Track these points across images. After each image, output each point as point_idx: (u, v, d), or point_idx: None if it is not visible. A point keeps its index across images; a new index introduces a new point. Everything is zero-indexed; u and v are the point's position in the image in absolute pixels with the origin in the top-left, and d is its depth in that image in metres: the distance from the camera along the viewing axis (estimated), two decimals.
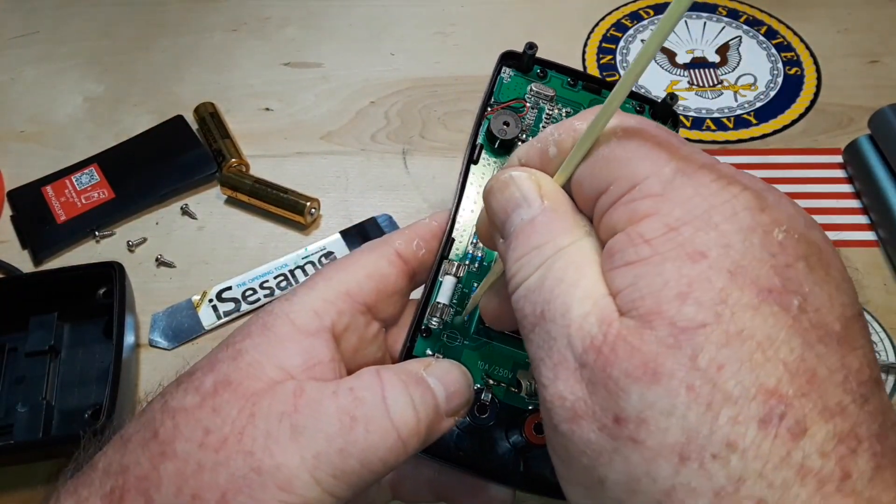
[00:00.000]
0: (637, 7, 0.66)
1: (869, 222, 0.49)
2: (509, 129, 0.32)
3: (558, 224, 0.22)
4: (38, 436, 0.39)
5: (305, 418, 0.23)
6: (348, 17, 0.67)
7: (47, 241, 0.51)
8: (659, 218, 0.19)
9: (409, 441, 0.24)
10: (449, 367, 0.27)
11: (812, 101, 0.58)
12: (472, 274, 0.31)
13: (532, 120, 0.33)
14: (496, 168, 0.32)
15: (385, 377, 0.25)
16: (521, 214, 0.22)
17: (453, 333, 0.30)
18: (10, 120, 0.60)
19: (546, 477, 0.29)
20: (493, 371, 0.30)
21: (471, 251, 0.31)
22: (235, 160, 0.54)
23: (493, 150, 0.33)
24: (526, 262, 0.21)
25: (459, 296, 0.30)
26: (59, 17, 0.68)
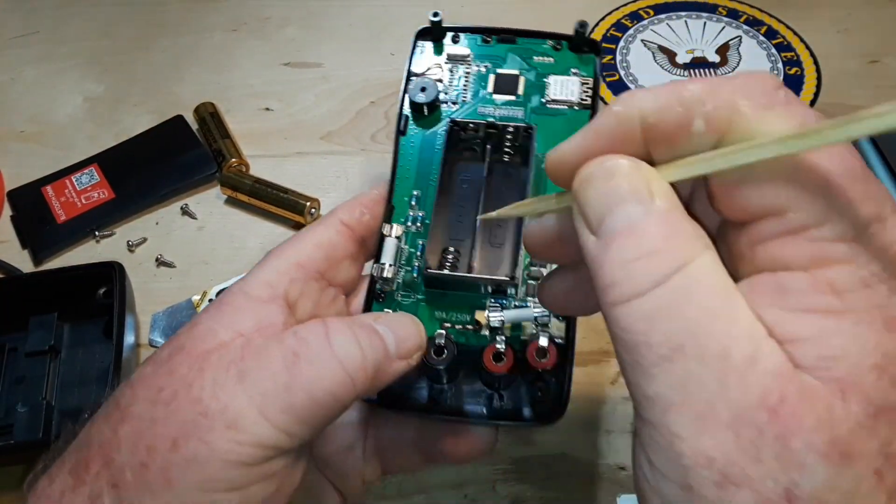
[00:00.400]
0: (637, 7, 0.66)
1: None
2: (427, 93, 0.33)
3: (677, 230, 0.18)
4: (38, 436, 0.39)
5: (251, 362, 0.24)
6: (348, 17, 0.67)
7: (47, 241, 0.51)
8: (853, 269, 0.17)
9: (355, 375, 0.24)
10: (398, 315, 0.28)
11: (812, 101, 0.58)
12: (414, 234, 0.32)
13: (452, 81, 0.34)
14: (428, 131, 0.33)
15: (330, 321, 0.25)
16: (628, 211, 0.18)
17: (406, 291, 0.31)
18: (10, 120, 0.60)
19: (519, 407, 0.29)
20: (451, 318, 0.31)
21: (411, 214, 0.32)
22: (235, 160, 0.54)
23: (419, 120, 0.33)
24: (640, 269, 0.18)
25: (407, 256, 0.31)
26: (59, 17, 0.68)
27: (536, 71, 0.34)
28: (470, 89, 0.34)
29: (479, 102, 0.34)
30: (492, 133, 0.32)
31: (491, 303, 0.30)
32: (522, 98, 0.33)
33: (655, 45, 0.63)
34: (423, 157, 0.33)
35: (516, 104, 0.33)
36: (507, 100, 0.34)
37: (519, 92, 0.34)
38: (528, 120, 0.33)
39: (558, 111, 0.33)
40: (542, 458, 0.39)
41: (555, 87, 0.33)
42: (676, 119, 0.19)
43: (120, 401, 0.24)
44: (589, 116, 0.32)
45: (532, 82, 0.34)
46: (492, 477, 0.39)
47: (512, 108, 0.33)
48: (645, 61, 0.62)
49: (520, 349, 0.29)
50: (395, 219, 0.32)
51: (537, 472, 0.39)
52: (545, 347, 0.28)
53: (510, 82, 0.34)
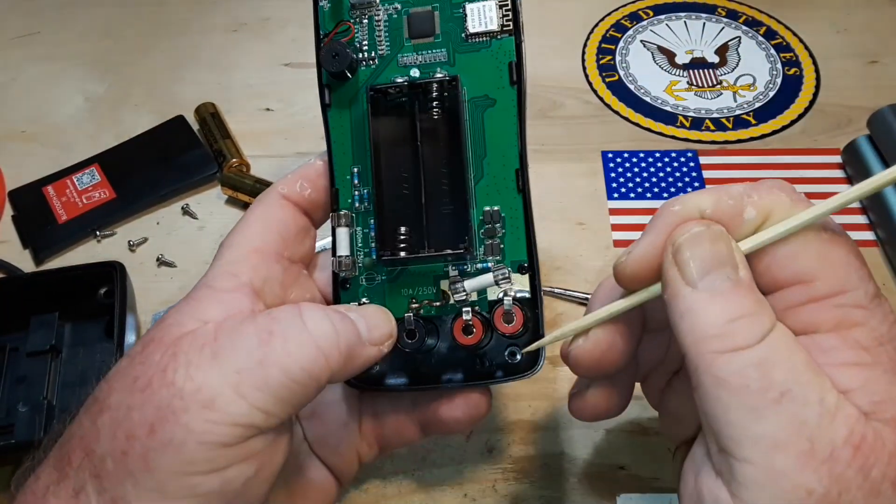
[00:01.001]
0: (637, 7, 0.66)
1: (868, 222, 0.49)
2: (339, 59, 0.30)
3: (761, 299, 0.22)
4: (39, 436, 0.39)
5: (224, 342, 0.24)
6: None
7: (48, 241, 0.51)
8: (869, 330, 0.21)
9: (329, 353, 0.25)
10: (369, 307, 0.29)
11: (811, 101, 0.58)
12: (364, 214, 0.31)
13: (364, 35, 0.32)
14: (354, 98, 0.31)
15: (304, 304, 0.26)
16: (727, 274, 0.22)
17: (370, 274, 0.31)
18: (11, 120, 0.60)
19: (499, 363, 0.30)
20: (417, 293, 0.31)
21: (356, 194, 0.31)
22: (236, 160, 0.54)
23: (343, 87, 0.31)
24: (743, 326, 0.21)
25: (362, 239, 0.31)
26: (60, 17, 0.68)
27: (450, 1, 0.31)
28: (384, 39, 0.32)
29: (397, 53, 0.31)
30: (416, 92, 0.31)
31: (451, 269, 0.30)
32: (441, 37, 0.31)
33: (655, 46, 0.63)
34: (355, 129, 0.31)
35: (437, 46, 0.31)
36: (426, 42, 0.31)
37: (437, 31, 0.31)
38: (453, 61, 0.31)
39: (481, 44, 0.31)
40: (542, 458, 0.40)
41: (473, 18, 0.31)
42: (730, 209, 0.24)
43: (98, 395, 0.25)
44: (514, 43, 0.31)
45: (448, 16, 0.31)
46: (492, 477, 0.39)
47: (434, 53, 0.31)
48: (644, 62, 0.62)
49: (488, 312, 0.30)
50: (342, 202, 0.31)
51: (537, 472, 0.39)
52: (510, 311, 0.29)
53: (425, 21, 0.31)
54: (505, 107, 0.31)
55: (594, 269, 0.48)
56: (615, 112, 0.58)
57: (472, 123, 0.31)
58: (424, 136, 0.30)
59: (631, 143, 0.55)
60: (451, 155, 0.30)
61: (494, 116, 0.31)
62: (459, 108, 0.30)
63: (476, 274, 0.30)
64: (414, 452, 0.40)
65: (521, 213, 0.30)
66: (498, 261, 0.30)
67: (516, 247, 0.30)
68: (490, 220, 0.30)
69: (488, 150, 0.31)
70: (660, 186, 0.52)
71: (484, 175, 0.31)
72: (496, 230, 0.30)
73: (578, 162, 0.54)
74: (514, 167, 0.30)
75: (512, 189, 0.30)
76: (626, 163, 0.54)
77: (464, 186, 0.30)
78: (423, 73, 0.31)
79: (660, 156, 0.54)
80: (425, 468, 0.39)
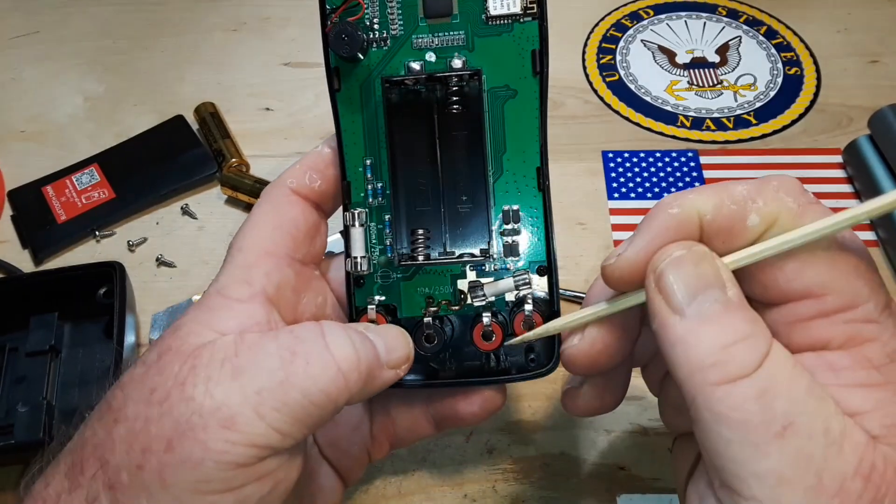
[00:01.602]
0: (637, 7, 0.66)
1: (869, 222, 0.49)
2: (352, 40, 0.28)
3: (755, 317, 0.21)
4: (39, 436, 0.39)
5: (246, 359, 0.24)
6: None
7: (48, 241, 0.51)
8: (880, 346, 0.20)
9: (349, 376, 0.24)
10: (388, 327, 0.28)
11: (812, 101, 0.58)
12: (378, 209, 0.30)
13: (376, 12, 0.29)
14: (365, 83, 0.29)
15: (325, 323, 0.26)
16: (715, 297, 0.21)
17: (385, 272, 0.30)
18: (11, 120, 0.60)
19: (517, 363, 0.30)
20: (434, 292, 0.30)
21: (370, 188, 0.30)
22: (236, 160, 0.54)
23: (354, 71, 0.29)
24: (738, 354, 0.20)
25: (376, 235, 0.30)
26: (60, 16, 0.68)
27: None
28: (397, 18, 0.29)
29: (412, 34, 0.29)
30: (434, 84, 0.29)
31: (469, 269, 0.30)
32: (460, 18, 0.29)
33: (655, 45, 0.63)
34: (367, 118, 0.29)
35: (454, 28, 0.29)
36: (442, 23, 0.29)
37: (454, 11, 0.29)
38: (472, 45, 0.29)
39: (503, 27, 0.29)
40: (542, 458, 0.40)
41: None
42: (732, 215, 0.22)
43: (112, 403, 0.24)
44: (538, 28, 0.28)
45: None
46: (492, 477, 0.39)
47: (451, 35, 0.29)
48: (645, 61, 0.62)
49: (506, 314, 0.30)
50: (355, 196, 0.30)
51: (537, 472, 0.39)
52: (530, 317, 0.29)
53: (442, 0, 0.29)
54: (527, 99, 0.29)
55: (594, 269, 0.48)
56: (615, 112, 0.58)
57: (492, 116, 0.29)
58: (443, 130, 0.29)
59: (631, 143, 0.55)
60: (471, 151, 0.29)
61: (515, 109, 0.29)
62: (482, 102, 0.29)
63: (494, 274, 0.30)
64: (414, 452, 0.40)
65: (541, 213, 0.29)
66: (516, 261, 0.30)
67: (536, 248, 0.30)
68: (509, 219, 0.29)
69: (508, 146, 0.29)
70: (660, 186, 0.52)
71: (503, 172, 0.29)
72: (516, 230, 0.29)
73: (578, 162, 0.54)
74: (535, 165, 0.29)
75: (532, 187, 0.29)
76: (626, 163, 0.54)
77: (483, 184, 0.29)
78: (439, 58, 0.29)
79: (660, 156, 0.54)
80: (425, 468, 0.39)
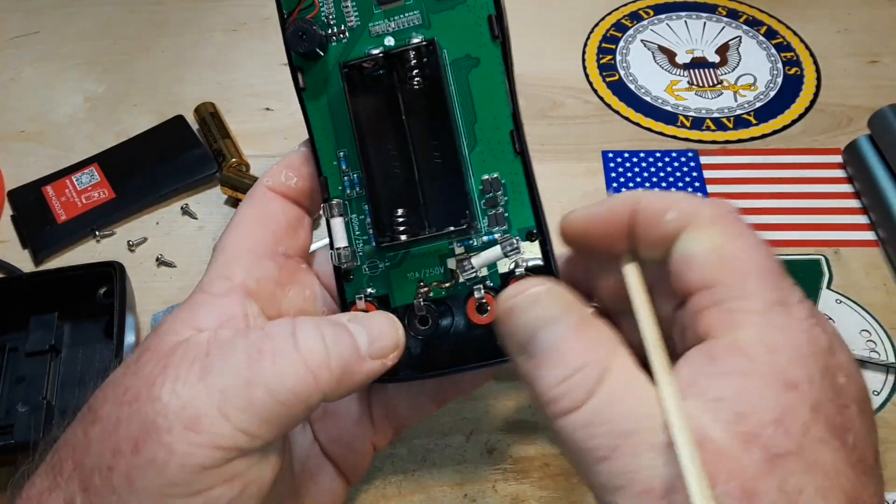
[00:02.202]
0: (637, 7, 0.66)
1: (869, 222, 0.49)
2: (309, 37, 0.28)
3: (594, 341, 0.22)
4: (39, 436, 0.39)
5: (215, 358, 0.23)
6: None
7: (48, 241, 0.51)
8: (760, 337, 0.21)
9: (318, 373, 0.24)
10: (374, 315, 0.28)
11: (812, 101, 0.58)
12: (358, 199, 0.30)
13: (330, 8, 0.29)
14: (329, 77, 0.29)
15: (299, 320, 0.25)
16: (550, 333, 0.22)
17: (372, 262, 0.30)
18: (11, 120, 0.60)
19: None
20: (425, 275, 0.30)
21: (346, 179, 0.30)
22: (236, 160, 0.54)
23: (316, 66, 0.30)
24: (570, 388, 0.21)
25: (359, 226, 0.30)
26: (60, 17, 0.68)
27: None
28: (352, 10, 0.29)
29: (368, 22, 0.29)
30: (392, 62, 0.29)
31: (457, 246, 0.29)
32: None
33: (655, 46, 0.63)
34: (335, 111, 0.30)
35: (408, 9, 0.29)
36: (396, 6, 0.29)
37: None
38: (428, 23, 0.29)
39: (456, 0, 0.29)
40: (542, 458, 0.40)
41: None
42: (657, 207, 0.24)
43: (92, 403, 0.24)
44: (493, 1, 0.28)
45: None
46: (492, 477, 0.39)
47: (406, 17, 0.29)
48: (645, 61, 0.62)
49: (500, 286, 0.29)
50: (332, 190, 0.30)
51: (537, 472, 0.39)
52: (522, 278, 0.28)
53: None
54: (490, 65, 0.29)
55: None
56: (615, 112, 0.58)
57: (458, 88, 0.29)
58: (408, 108, 0.29)
59: (631, 143, 0.55)
60: (440, 125, 0.28)
61: (480, 77, 0.29)
62: (441, 73, 0.28)
63: (483, 248, 0.29)
64: (414, 452, 0.40)
65: (521, 178, 0.29)
66: (504, 231, 0.29)
67: (522, 214, 0.29)
68: (490, 188, 0.29)
69: (478, 115, 0.29)
70: (660, 186, 0.52)
71: (477, 142, 0.29)
72: (498, 199, 0.29)
73: (578, 162, 0.54)
74: (508, 129, 0.29)
75: (509, 153, 0.29)
76: (626, 163, 0.54)
77: (457, 157, 0.28)
78: (398, 41, 0.29)
79: (660, 156, 0.54)
80: (425, 468, 0.39)
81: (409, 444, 0.40)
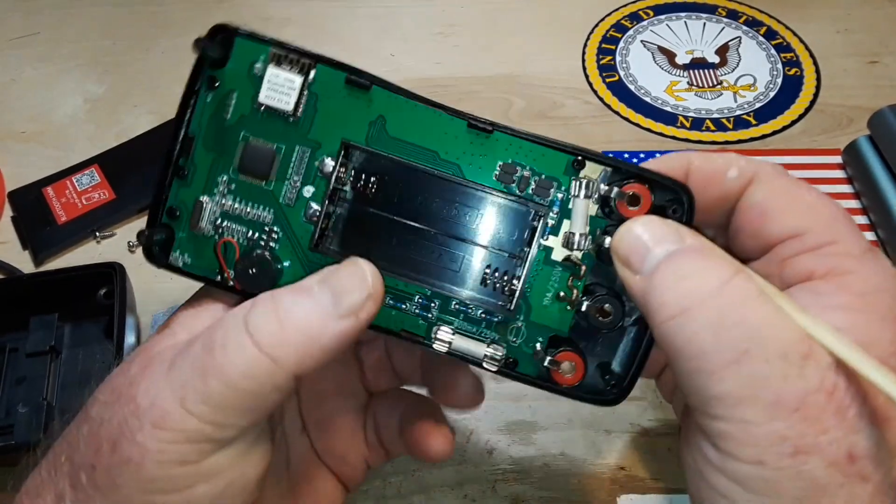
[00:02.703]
0: (637, 8, 0.66)
1: (869, 222, 0.49)
2: (261, 271, 0.26)
3: (715, 254, 0.22)
4: (39, 436, 0.39)
5: (179, 355, 0.23)
6: (349, 17, 0.67)
7: (48, 242, 0.51)
8: (861, 278, 0.22)
9: (274, 352, 0.22)
10: (341, 267, 0.24)
11: (811, 101, 0.58)
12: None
13: (244, 229, 0.27)
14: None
15: (260, 297, 0.24)
16: (667, 246, 0.22)
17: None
18: (11, 120, 0.60)
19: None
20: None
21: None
22: None
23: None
24: (691, 285, 0.21)
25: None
26: (60, 17, 0.68)
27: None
28: (262, 211, 0.27)
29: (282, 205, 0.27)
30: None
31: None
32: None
33: (655, 46, 0.63)
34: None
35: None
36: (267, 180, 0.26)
37: (272, 175, 0.26)
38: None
39: None
40: (542, 458, 0.40)
41: None
42: (716, 167, 0.25)
43: (88, 402, 0.25)
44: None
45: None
46: (492, 477, 0.39)
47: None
48: (645, 62, 0.62)
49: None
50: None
51: (537, 472, 0.39)
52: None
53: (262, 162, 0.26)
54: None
55: None
56: (615, 112, 0.58)
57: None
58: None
59: (631, 144, 0.55)
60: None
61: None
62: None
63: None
64: None
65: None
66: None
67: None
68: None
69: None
70: None
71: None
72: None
73: None
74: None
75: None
76: None
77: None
78: (316, 191, 0.26)
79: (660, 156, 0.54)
80: (425, 469, 0.39)
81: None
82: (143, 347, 0.25)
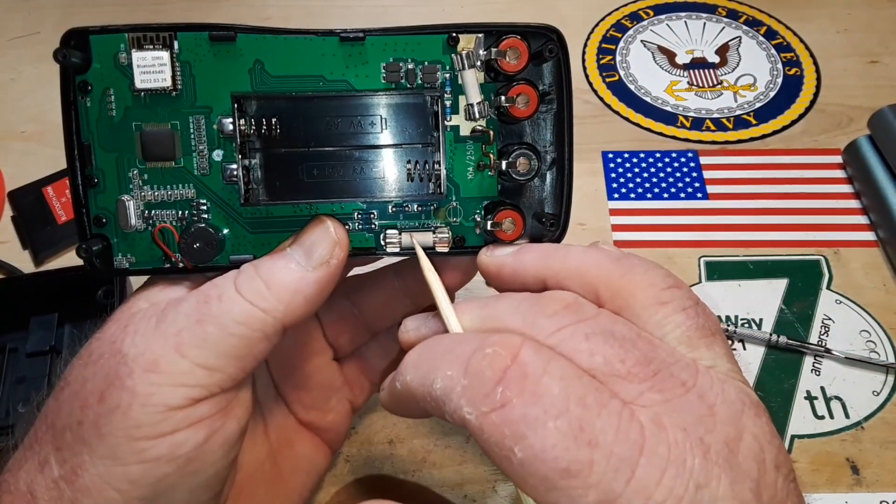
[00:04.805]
0: (637, 7, 0.66)
1: (869, 222, 0.49)
2: (207, 243, 0.27)
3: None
4: None
5: (168, 310, 0.25)
6: (349, 16, 0.67)
7: (48, 242, 0.51)
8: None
9: (265, 305, 0.25)
10: (309, 226, 0.27)
11: (812, 101, 0.58)
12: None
13: (168, 213, 0.28)
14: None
15: (245, 266, 0.26)
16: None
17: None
18: (11, 120, 0.60)
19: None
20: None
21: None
22: None
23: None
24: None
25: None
26: (60, 17, 0.68)
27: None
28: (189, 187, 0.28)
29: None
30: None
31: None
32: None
33: (655, 46, 0.63)
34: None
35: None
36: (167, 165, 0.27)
37: (177, 155, 0.27)
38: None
39: None
40: None
41: None
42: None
43: (66, 374, 0.26)
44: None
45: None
46: (492, 477, 0.39)
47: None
48: (645, 62, 0.62)
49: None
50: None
51: None
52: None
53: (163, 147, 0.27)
54: None
55: None
56: (615, 112, 0.58)
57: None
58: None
59: (631, 144, 0.55)
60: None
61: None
62: None
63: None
64: (414, 452, 0.40)
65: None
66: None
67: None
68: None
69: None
70: (660, 187, 0.52)
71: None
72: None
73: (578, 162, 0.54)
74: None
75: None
76: (626, 163, 0.54)
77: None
78: (226, 156, 0.27)
79: (660, 156, 0.54)
80: (425, 469, 0.39)
81: (409, 445, 0.40)
82: (112, 318, 0.26)
